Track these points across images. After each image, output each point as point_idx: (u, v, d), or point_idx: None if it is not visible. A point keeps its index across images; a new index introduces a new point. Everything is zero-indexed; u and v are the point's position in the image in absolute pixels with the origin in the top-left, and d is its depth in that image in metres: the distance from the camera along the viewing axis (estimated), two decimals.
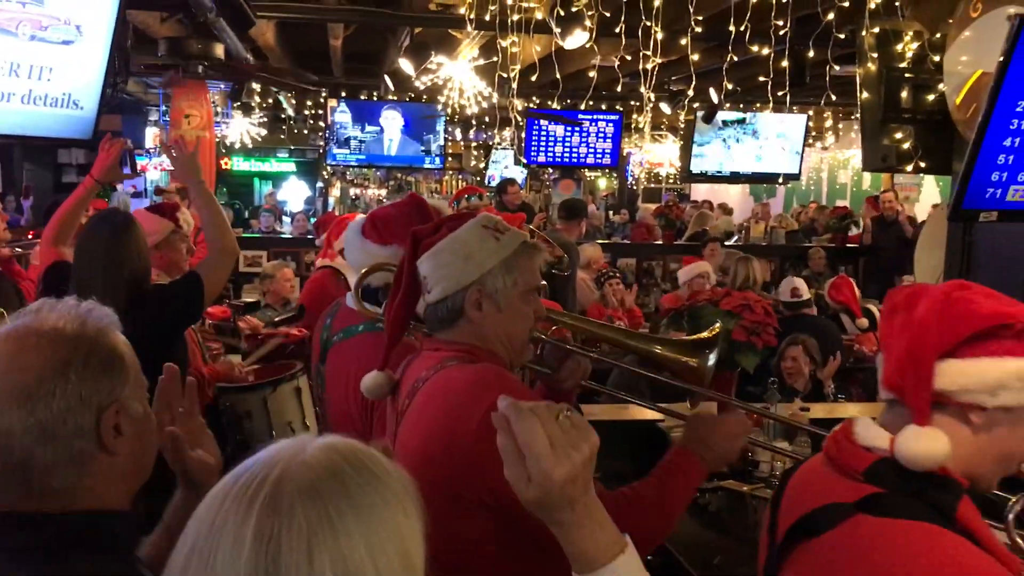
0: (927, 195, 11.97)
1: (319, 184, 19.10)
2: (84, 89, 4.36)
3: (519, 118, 5.44)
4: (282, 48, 8.76)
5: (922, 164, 3.82)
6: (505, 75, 4.66)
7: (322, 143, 12.09)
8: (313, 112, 12.99)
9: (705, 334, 2.11)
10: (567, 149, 10.61)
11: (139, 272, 2.98)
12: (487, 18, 4.59)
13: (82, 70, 4.31)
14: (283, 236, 10.49)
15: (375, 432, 2.28)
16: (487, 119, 8.19)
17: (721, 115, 10.34)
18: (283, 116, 14.43)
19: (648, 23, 4.28)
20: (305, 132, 15.98)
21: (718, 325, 2.15)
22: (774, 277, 9.76)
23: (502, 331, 1.86)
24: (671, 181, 18.02)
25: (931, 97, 3.77)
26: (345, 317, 2.51)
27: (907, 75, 3.81)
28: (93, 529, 1.27)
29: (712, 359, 2.04)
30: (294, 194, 19.86)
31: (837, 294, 7.00)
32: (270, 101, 12.62)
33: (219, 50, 6.51)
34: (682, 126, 11.80)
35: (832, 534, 1.30)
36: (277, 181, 20.52)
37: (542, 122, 10.32)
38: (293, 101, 12.70)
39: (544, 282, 1.98)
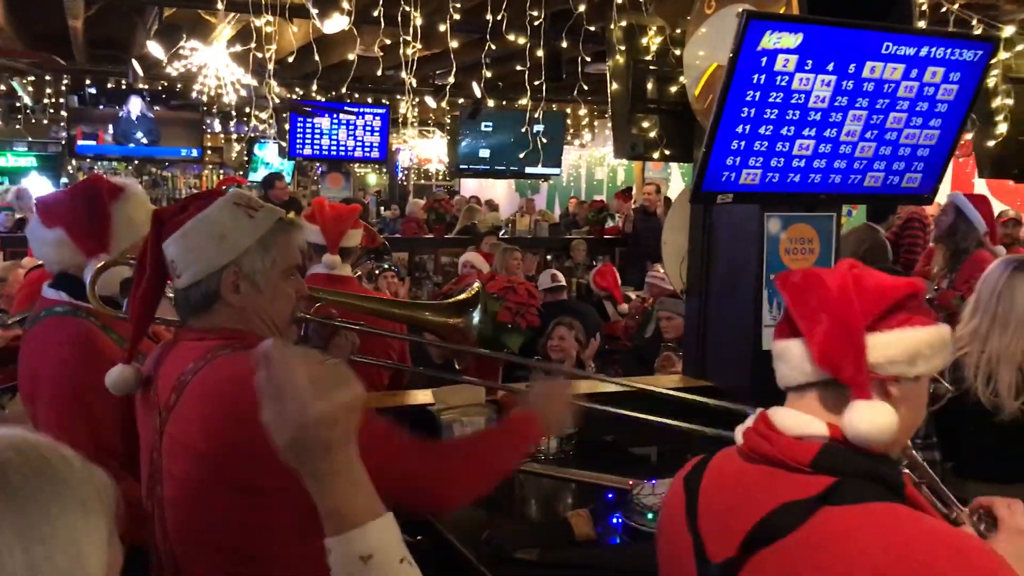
0: (675, 188, 12.80)
1: (64, 180, 17.63)
2: None
3: (275, 100, 5.25)
4: (13, 28, 7.98)
5: (667, 152, 4.05)
6: (261, 55, 4.50)
7: (65, 135, 11.18)
8: (54, 101, 11.96)
9: (463, 295, 2.13)
10: (333, 142, 10.43)
11: None
12: None
13: None
14: (22, 236, 9.59)
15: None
16: (248, 110, 7.88)
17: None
18: (19, 105, 13.17)
19: (407, 8, 4.28)
20: (45, 123, 14.64)
21: (476, 285, 2.18)
22: (539, 268, 10.10)
23: (264, 312, 1.78)
24: (441, 177, 18.20)
25: (674, 89, 4.00)
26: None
27: (652, 67, 4.02)
28: None
29: (476, 317, 2.09)
30: (36, 191, 18.19)
31: (602, 280, 7.38)
32: (2, 88, 11.50)
33: None
34: (448, 122, 11.93)
35: (798, 533, 1.24)
36: (15, 177, 18.74)
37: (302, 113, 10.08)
38: (31, 88, 11.63)
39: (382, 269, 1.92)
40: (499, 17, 4.24)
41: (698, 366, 3.91)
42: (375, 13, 4.20)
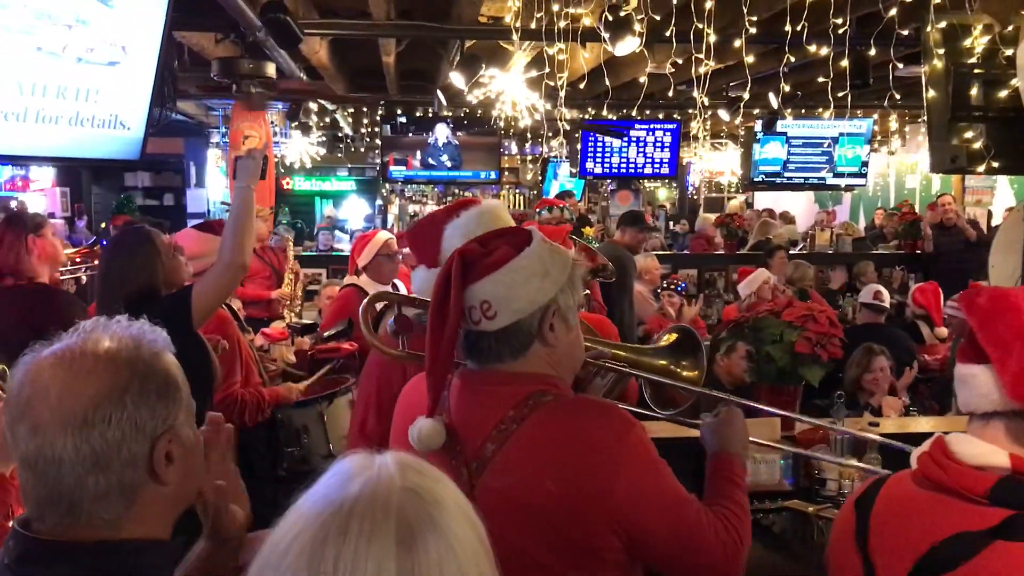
0: (1001, 197, 11.50)
1: (378, 202, 19.21)
2: (131, 110, 4.38)
3: (566, 127, 5.33)
4: (336, 66, 8.78)
5: (995, 164, 3.61)
6: (552, 83, 4.57)
7: (379, 161, 12.15)
8: (370, 130, 13.04)
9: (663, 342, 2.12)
10: (623, 160, 10.47)
11: (143, 289, 2.95)
12: (533, 27, 4.50)
13: (128, 91, 4.34)
14: (341, 254, 10.53)
15: None
16: (541, 132, 8.11)
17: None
18: (341, 135, 14.52)
19: (700, 25, 4.14)
20: (362, 150, 16.04)
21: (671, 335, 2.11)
22: (842, 286, 9.45)
23: (571, 352, 1.78)
24: (733, 190, 17.72)
25: (1003, 93, 3.56)
26: None
27: (976, 71, 3.61)
28: (134, 560, 1.20)
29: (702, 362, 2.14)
30: (354, 212, 19.99)
31: (921, 298, 6.70)
32: (327, 120, 12.72)
33: (270, 69, 6.53)
34: (741, 134, 11.56)
35: (970, 565, 1.20)
36: (338, 200, 20.69)
37: (597, 133, 10.22)
38: (350, 120, 12.77)
39: (587, 291, 1.94)
40: (798, 27, 3.99)
41: None
42: (667, 33, 4.10)
